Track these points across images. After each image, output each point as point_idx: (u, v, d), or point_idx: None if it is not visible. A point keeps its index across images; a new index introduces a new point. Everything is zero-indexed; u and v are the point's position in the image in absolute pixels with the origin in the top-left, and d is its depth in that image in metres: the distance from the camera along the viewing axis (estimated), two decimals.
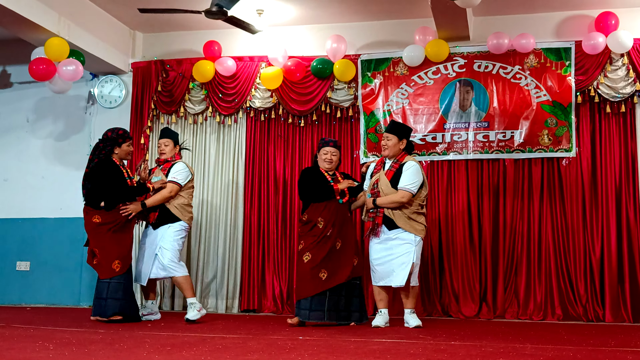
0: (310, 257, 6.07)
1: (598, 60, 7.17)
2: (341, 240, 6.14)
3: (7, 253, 8.52)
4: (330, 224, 6.11)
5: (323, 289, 6.01)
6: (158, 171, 6.61)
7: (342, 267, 6.08)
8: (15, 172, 8.66)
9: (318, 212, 6.16)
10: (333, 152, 6.31)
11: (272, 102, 7.91)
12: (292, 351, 4.13)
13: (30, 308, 7.95)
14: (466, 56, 7.51)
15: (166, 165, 6.60)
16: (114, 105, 8.42)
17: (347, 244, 6.16)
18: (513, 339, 5.09)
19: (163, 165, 6.62)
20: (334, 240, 6.11)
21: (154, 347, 4.23)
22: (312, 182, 6.25)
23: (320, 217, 6.12)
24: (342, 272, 6.07)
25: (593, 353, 4.24)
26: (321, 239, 6.08)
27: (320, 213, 6.14)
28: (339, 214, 6.18)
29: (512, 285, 7.26)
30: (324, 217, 6.12)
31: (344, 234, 6.17)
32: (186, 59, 8.14)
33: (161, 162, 6.65)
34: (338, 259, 6.09)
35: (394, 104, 7.62)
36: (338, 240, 6.13)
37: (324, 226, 6.11)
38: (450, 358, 3.88)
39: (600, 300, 7.03)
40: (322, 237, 6.08)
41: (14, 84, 8.85)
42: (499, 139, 7.34)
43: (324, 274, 6.03)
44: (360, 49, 7.85)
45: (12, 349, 4.09)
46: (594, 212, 7.17)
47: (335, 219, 6.14)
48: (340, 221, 6.17)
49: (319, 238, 6.08)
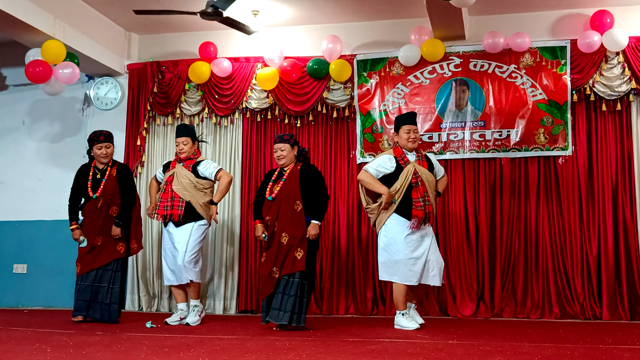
0: (265, 257, 6.01)
1: (593, 58, 7.18)
2: (287, 235, 5.93)
3: (4, 256, 8.51)
4: (274, 219, 5.98)
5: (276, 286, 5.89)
6: (179, 167, 6.52)
7: (293, 261, 5.88)
8: (12, 174, 8.65)
9: (265, 211, 6.09)
10: (282, 147, 6.14)
11: (268, 103, 7.91)
12: (290, 351, 4.14)
13: (27, 311, 7.94)
14: (462, 55, 7.52)
15: (189, 162, 6.52)
16: (110, 107, 8.41)
17: (292, 238, 5.91)
18: (510, 338, 5.10)
19: (185, 161, 6.54)
20: (280, 235, 5.94)
21: (152, 349, 4.23)
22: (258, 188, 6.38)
23: (267, 214, 6.05)
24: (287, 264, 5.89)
25: (590, 351, 4.25)
26: (272, 236, 5.98)
27: (266, 211, 6.06)
28: (281, 208, 5.98)
29: (510, 284, 7.27)
30: (269, 214, 6.03)
31: (288, 228, 5.93)
32: (182, 60, 8.14)
33: (183, 160, 6.55)
34: (284, 253, 5.91)
35: (390, 104, 7.63)
36: (284, 235, 5.93)
37: (270, 222, 6.01)
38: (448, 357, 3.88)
39: (598, 298, 7.04)
40: (271, 232, 5.99)
41: (9, 86, 8.84)
42: (495, 138, 7.35)
43: (277, 272, 5.92)
44: (356, 49, 7.86)
45: (9, 351, 4.08)
46: (590, 210, 7.18)
47: (276, 214, 5.98)
48: (283, 215, 5.95)
49: (270, 235, 6.00)
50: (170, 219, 6.43)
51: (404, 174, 6.01)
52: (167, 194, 6.45)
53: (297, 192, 6.01)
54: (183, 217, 6.39)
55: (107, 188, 6.50)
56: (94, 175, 6.56)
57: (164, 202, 6.44)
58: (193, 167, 6.49)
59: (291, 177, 6.08)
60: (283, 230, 5.95)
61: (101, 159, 6.58)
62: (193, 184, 6.45)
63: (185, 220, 6.41)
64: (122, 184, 6.56)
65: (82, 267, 6.42)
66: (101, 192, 6.47)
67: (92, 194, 6.48)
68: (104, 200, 6.47)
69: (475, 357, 3.91)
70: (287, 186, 6.04)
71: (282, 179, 6.09)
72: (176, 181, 6.46)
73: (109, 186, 6.51)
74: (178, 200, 6.41)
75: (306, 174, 6.11)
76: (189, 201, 6.41)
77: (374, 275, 7.52)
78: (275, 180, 6.14)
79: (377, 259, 6.42)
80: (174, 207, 6.40)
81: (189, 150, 6.54)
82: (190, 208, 6.41)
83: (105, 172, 6.56)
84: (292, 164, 6.16)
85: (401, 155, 6.12)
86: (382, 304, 7.47)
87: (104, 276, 6.42)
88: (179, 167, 6.52)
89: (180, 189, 6.42)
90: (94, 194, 6.47)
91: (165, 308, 7.93)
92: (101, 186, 6.49)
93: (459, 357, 3.91)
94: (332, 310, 7.49)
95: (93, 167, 6.62)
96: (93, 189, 6.50)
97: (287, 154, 6.11)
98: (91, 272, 6.40)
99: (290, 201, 5.99)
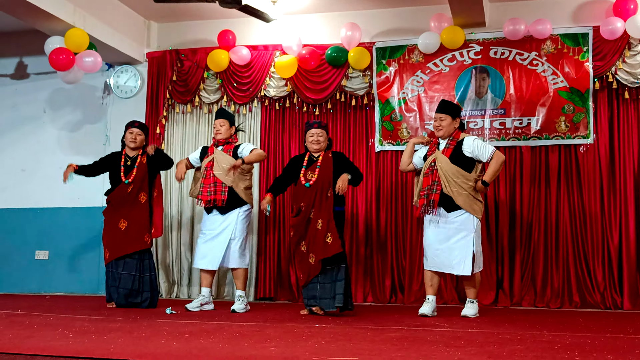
0: (306, 247, 6.08)
1: (616, 45, 7.10)
2: (322, 221, 6.01)
3: (26, 242, 8.60)
4: (310, 206, 6.07)
5: (316, 273, 6.01)
6: (218, 152, 6.56)
7: (325, 246, 5.96)
8: (33, 162, 8.72)
9: (299, 197, 6.16)
10: (319, 133, 6.23)
11: (286, 91, 7.91)
12: (309, 339, 4.15)
13: (49, 296, 8.02)
14: (482, 43, 7.46)
15: (228, 147, 6.59)
16: (129, 95, 8.45)
17: (325, 223, 5.99)
18: (530, 326, 5.08)
19: (224, 146, 6.61)
20: (316, 222, 6.03)
21: (172, 335, 4.26)
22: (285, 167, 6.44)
23: (302, 201, 6.12)
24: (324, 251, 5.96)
25: (611, 340, 4.22)
26: (307, 223, 6.07)
27: (301, 198, 6.14)
28: (317, 195, 6.06)
29: (529, 273, 7.23)
30: (304, 200, 6.10)
31: (323, 214, 6.03)
32: (201, 49, 8.15)
33: (221, 143, 6.62)
34: (320, 239, 5.99)
35: (409, 92, 7.59)
36: (320, 222, 6.02)
37: (305, 208, 6.08)
38: (468, 345, 3.87)
39: (619, 288, 6.99)
40: (306, 219, 6.07)
41: (31, 74, 8.90)
42: (515, 126, 7.30)
43: (313, 258, 6.01)
44: (375, 36, 7.83)
45: (32, 337, 4.13)
46: (612, 199, 7.12)
47: (313, 201, 6.06)
48: (319, 202, 6.05)
49: (304, 222, 6.08)
50: (214, 204, 6.47)
51: (427, 162, 6.09)
52: (209, 179, 6.49)
53: (330, 179, 6.10)
54: (227, 202, 6.44)
55: (139, 174, 6.67)
56: (125, 162, 6.74)
57: (206, 187, 6.49)
58: (233, 151, 6.57)
59: (325, 164, 6.17)
60: (319, 217, 6.03)
61: (129, 144, 6.75)
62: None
63: (229, 206, 6.46)
64: (152, 171, 6.79)
65: (110, 253, 6.59)
66: (133, 178, 6.64)
67: (124, 179, 6.64)
68: (134, 186, 6.65)
69: (495, 345, 3.90)
70: (322, 173, 6.12)
71: (317, 165, 6.16)
72: (217, 166, 6.50)
73: (140, 172, 6.68)
74: (220, 185, 6.45)
75: (339, 161, 6.22)
76: (232, 187, 6.45)
77: (392, 264, 7.52)
78: (308, 166, 6.20)
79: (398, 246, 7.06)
80: (217, 192, 6.45)
81: (225, 133, 6.60)
82: (233, 193, 6.46)
83: (136, 159, 6.73)
84: (323, 151, 6.24)
85: (436, 142, 6.16)
86: (401, 292, 7.47)
87: (130, 265, 6.59)
88: (218, 152, 6.57)
89: (221, 175, 6.45)
90: (126, 179, 6.63)
91: (184, 295, 7.98)
92: (133, 172, 6.66)
93: (478, 345, 3.90)
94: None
95: (124, 155, 6.79)
96: (125, 175, 6.66)
97: (323, 139, 6.22)
98: (120, 260, 6.58)
99: (325, 188, 6.09)
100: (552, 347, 3.79)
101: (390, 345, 3.87)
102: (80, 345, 3.68)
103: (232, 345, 3.80)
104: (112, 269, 6.61)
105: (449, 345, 3.84)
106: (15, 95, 8.90)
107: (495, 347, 3.82)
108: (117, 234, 6.60)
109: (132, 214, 6.63)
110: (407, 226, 7.55)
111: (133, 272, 6.58)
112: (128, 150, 6.80)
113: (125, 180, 6.63)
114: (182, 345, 3.74)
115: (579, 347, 3.76)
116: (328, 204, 6.04)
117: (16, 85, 8.93)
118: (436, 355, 3.43)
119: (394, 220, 7.61)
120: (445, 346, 3.81)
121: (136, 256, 6.60)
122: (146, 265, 6.66)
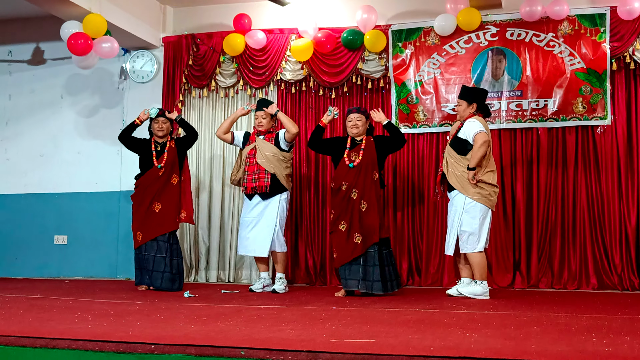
0: (346, 225, 6.20)
1: (634, 26, 7.02)
2: (366, 202, 6.21)
3: (45, 227, 8.68)
4: (352, 186, 6.23)
5: (359, 252, 6.13)
6: (260, 141, 6.73)
7: (371, 228, 6.17)
8: (51, 147, 8.79)
9: (341, 177, 6.30)
10: (357, 117, 6.38)
11: (302, 74, 7.90)
12: (326, 321, 4.17)
13: (68, 281, 8.10)
14: (498, 24, 7.41)
15: (270, 136, 6.78)
16: (146, 80, 8.48)
17: (371, 205, 6.22)
18: (547, 308, 5.07)
19: (265, 135, 6.78)
20: (359, 202, 6.20)
21: (190, 318, 4.30)
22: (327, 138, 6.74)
23: (343, 180, 6.27)
24: (372, 233, 6.17)
25: (629, 322, 4.22)
26: (347, 202, 6.22)
27: (343, 177, 6.28)
28: (360, 176, 6.25)
29: (546, 255, 7.22)
30: (347, 180, 6.25)
31: (368, 196, 6.23)
32: (216, 33, 8.16)
33: (263, 133, 6.80)
34: (366, 221, 6.18)
35: (426, 74, 7.56)
36: (363, 202, 6.20)
37: (347, 188, 6.24)
38: (484, 327, 3.88)
39: (636, 269, 6.96)
40: (347, 199, 6.23)
41: (48, 60, 8.94)
42: (532, 108, 7.26)
43: (359, 238, 6.16)
44: (390, 19, 7.79)
45: (52, 320, 4.18)
46: (629, 180, 7.07)
47: (356, 181, 6.24)
48: (362, 183, 6.24)
49: (344, 201, 6.23)
50: (256, 191, 6.67)
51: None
52: (253, 167, 6.70)
53: (375, 162, 6.32)
54: (269, 189, 6.62)
55: (169, 157, 6.88)
56: (155, 148, 6.92)
57: (250, 175, 6.69)
58: (275, 139, 6.74)
59: (369, 147, 6.35)
60: (363, 198, 6.22)
61: (157, 133, 6.95)
62: (276, 157, 6.67)
63: (272, 193, 6.65)
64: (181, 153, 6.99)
65: (144, 236, 6.76)
66: (165, 162, 6.85)
67: (157, 163, 6.83)
68: (165, 169, 6.84)
69: (512, 327, 3.91)
70: (366, 155, 6.30)
71: (361, 148, 6.34)
72: (259, 154, 6.69)
73: (170, 156, 6.89)
74: (264, 172, 6.66)
75: (381, 142, 6.43)
76: (274, 173, 6.63)
77: (409, 246, 7.53)
78: (351, 148, 6.36)
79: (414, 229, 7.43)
80: (260, 179, 6.65)
81: (267, 124, 6.80)
82: (275, 180, 6.64)
83: (165, 145, 6.94)
84: (364, 135, 6.42)
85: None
86: (418, 274, 7.49)
87: (162, 247, 6.76)
88: (260, 141, 6.76)
89: (264, 162, 6.65)
90: (158, 164, 6.83)
91: (202, 279, 8.04)
92: (164, 156, 6.86)
93: (495, 327, 3.91)
94: None
95: (153, 142, 6.98)
96: (157, 159, 6.86)
97: (361, 124, 6.39)
98: (153, 242, 6.75)
99: (369, 170, 6.28)
100: (569, 329, 3.78)
101: (406, 327, 3.89)
102: (99, 328, 3.72)
103: (249, 327, 3.82)
104: (144, 252, 6.75)
105: (465, 328, 3.85)
106: (33, 80, 8.96)
107: (511, 329, 3.82)
108: (151, 217, 6.78)
109: (164, 197, 6.83)
110: (424, 209, 7.54)
111: (163, 254, 6.74)
112: (156, 138, 6.98)
113: (158, 164, 6.83)
114: (199, 328, 3.77)
115: (596, 329, 3.76)
116: (374, 186, 6.26)
117: (34, 70, 8.98)
118: (452, 337, 3.44)
119: (410, 202, 7.61)
120: (461, 328, 3.82)
121: (166, 239, 6.77)
122: (175, 250, 6.83)
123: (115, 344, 3.19)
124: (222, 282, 7.94)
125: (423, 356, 2.84)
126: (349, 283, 6.18)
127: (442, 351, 2.92)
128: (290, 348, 3.02)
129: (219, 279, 7.99)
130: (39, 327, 3.77)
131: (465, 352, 2.90)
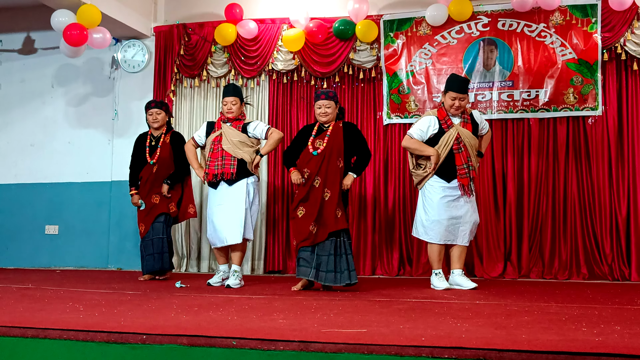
0: (304, 212, 5.91)
1: (625, 16, 7.04)
2: (329, 191, 5.89)
3: (36, 217, 8.67)
4: (314, 174, 5.91)
5: (316, 241, 5.84)
6: (226, 127, 6.36)
7: (329, 218, 5.84)
8: (42, 137, 8.76)
9: (304, 164, 6.00)
10: (327, 104, 6.03)
11: (294, 64, 7.89)
12: (318, 311, 4.18)
13: (59, 271, 8.09)
14: (490, 15, 7.41)
15: (238, 123, 6.39)
16: (137, 69, 8.45)
17: (334, 194, 5.88)
18: (538, 298, 5.09)
19: (233, 122, 6.39)
20: (322, 190, 5.90)
21: (182, 308, 4.30)
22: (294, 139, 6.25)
23: (306, 167, 5.97)
24: (328, 223, 5.84)
25: (619, 311, 4.24)
26: (310, 190, 5.91)
27: (305, 165, 5.98)
28: (323, 164, 5.92)
29: (537, 245, 7.25)
30: (309, 168, 5.94)
31: (331, 184, 5.90)
32: (208, 22, 8.13)
33: (231, 120, 6.40)
34: (325, 209, 5.87)
35: (417, 65, 7.56)
36: (327, 191, 5.90)
37: (309, 176, 5.92)
38: (475, 317, 3.90)
39: (626, 259, 7.00)
40: (309, 187, 5.91)
41: (38, 49, 8.90)
42: (523, 98, 7.28)
43: (315, 227, 5.85)
44: (382, 9, 7.78)
45: (43, 309, 4.17)
46: (620, 170, 7.11)
47: (319, 169, 5.91)
48: (325, 171, 5.90)
49: (307, 189, 5.92)
50: (222, 177, 6.29)
51: (445, 139, 5.87)
52: (217, 153, 6.30)
53: (341, 149, 5.96)
54: (235, 174, 6.27)
55: (162, 154, 6.85)
56: (150, 142, 6.92)
57: (214, 161, 6.30)
58: (243, 127, 6.37)
59: (335, 133, 6.00)
60: (326, 186, 5.89)
61: (152, 124, 6.92)
62: (244, 143, 6.31)
63: (238, 178, 6.28)
64: (176, 152, 6.89)
65: (145, 226, 6.82)
66: (157, 158, 6.83)
67: (149, 159, 6.84)
68: (159, 166, 6.82)
69: (502, 317, 3.92)
70: (331, 142, 5.96)
71: (327, 134, 5.99)
72: (225, 140, 6.30)
73: (163, 152, 6.86)
74: (229, 158, 6.26)
75: (350, 132, 6.06)
76: (242, 158, 6.27)
77: (400, 236, 7.55)
78: (317, 135, 6.05)
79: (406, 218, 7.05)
80: (225, 165, 6.26)
81: (237, 111, 6.39)
82: (242, 165, 6.28)
83: (160, 139, 6.89)
84: (333, 122, 6.08)
85: (445, 117, 5.94)
86: (409, 264, 7.51)
87: (159, 228, 6.80)
88: (227, 127, 6.36)
89: (231, 148, 6.27)
90: (151, 160, 6.83)
91: (193, 269, 8.04)
92: (157, 152, 6.84)
93: (485, 317, 3.92)
94: (359, 271, 7.49)
95: (149, 135, 6.98)
96: (150, 155, 6.87)
97: (331, 111, 6.02)
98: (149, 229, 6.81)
99: (334, 158, 5.93)
100: (559, 319, 3.80)
101: (398, 317, 3.90)
102: (90, 319, 3.72)
103: (240, 317, 3.83)
104: (145, 239, 6.81)
105: (456, 317, 3.86)
106: (24, 70, 8.92)
107: (502, 318, 3.84)
108: (150, 207, 6.81)
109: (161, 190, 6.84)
110: (415, 199, 7.54)
111: (160, 235, 6.78)
112: (153, 130, 6.97)
113: (150, 160, 6.83)
114: (191, 318, 3.77)
115: (586, 319, 3.78)
116: (337, 175, 5.91)
117: (24, 60, 8.94)
118: (444, 326, 3.45)
119: (401, 192, 7.62)
120: (452, 318, 3.84)
121: (162, 219, 6.80)
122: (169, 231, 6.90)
123: (106, 334, 3.19)
124: (214, 272, 7.93)
125: (414, 346, 2.84)
126: (301, 270, 5.88)
127: (434, 340, 2.92)
128: (282, 338, 3.02)
129: (210, 269, 7.99)
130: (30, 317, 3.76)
131: (457, 341, 2.91)
